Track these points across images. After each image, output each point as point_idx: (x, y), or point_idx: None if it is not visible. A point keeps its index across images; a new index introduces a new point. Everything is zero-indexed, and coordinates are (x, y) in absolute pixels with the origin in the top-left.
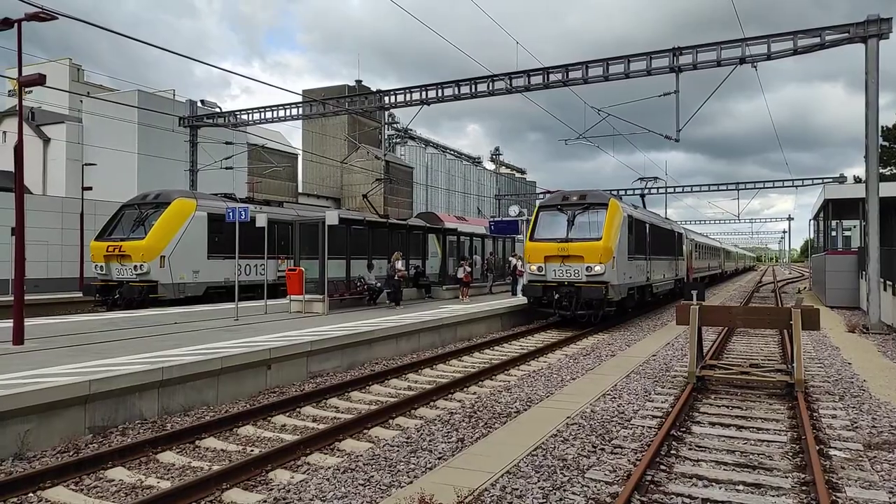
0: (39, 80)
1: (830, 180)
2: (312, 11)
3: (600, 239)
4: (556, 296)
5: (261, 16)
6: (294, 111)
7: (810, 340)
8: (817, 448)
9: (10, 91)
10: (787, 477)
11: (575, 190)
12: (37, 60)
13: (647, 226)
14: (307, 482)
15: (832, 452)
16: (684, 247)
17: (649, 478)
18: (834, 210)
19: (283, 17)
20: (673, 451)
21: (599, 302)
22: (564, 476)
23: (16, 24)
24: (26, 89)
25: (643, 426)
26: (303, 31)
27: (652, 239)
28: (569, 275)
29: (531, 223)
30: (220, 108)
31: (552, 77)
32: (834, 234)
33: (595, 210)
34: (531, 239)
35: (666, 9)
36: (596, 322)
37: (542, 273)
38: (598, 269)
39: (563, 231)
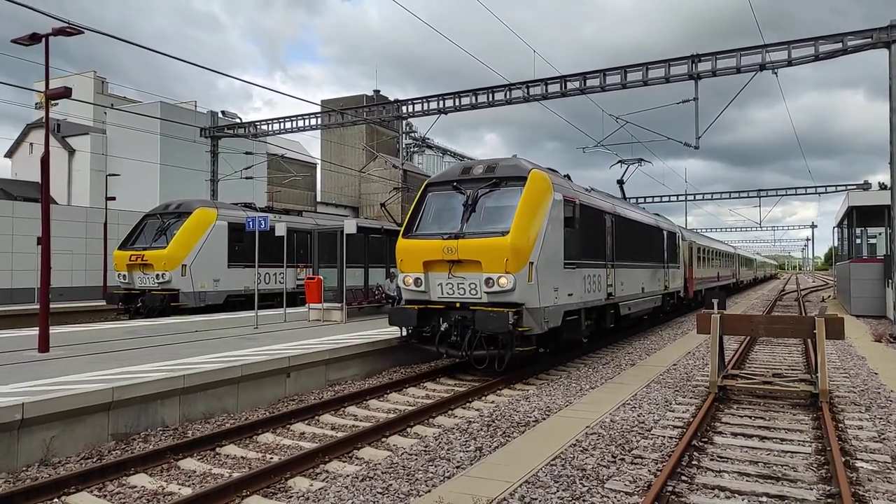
0: (66, 93)
1: (854, 187)
2: (332, 24)
3: (507, 233)
4: (444, 325)
5: (283, 29)
6: (313, 121)
7: (835, 350)
8: (843, 460)
9: (36, 104)
10: (811, 489)
11: (484, 159)
12: (63, 73)
13: (609, 217)
14: (326, 490)
15: (858, 464)
16: (680, 251)
17: (670, 488)
18: (858, 217)
19: (304, 31)
20: (694, 462)
21: (507, 336)
22: (584, 486)
23: (43, 39)
24: (53, 102)
25: (664, 436)
26: (323, 43)
27: (619, 237)
28: (461, 291)
29: (410, 210)
30: (240, 118)
31: (569, 85)
32: (858, 241)
33: (508, 188)
34: (405, 234)
35: (682, 18)
36: (501, 369)
37: (422, 288)
38: (503, 282)
39: (458, 222)
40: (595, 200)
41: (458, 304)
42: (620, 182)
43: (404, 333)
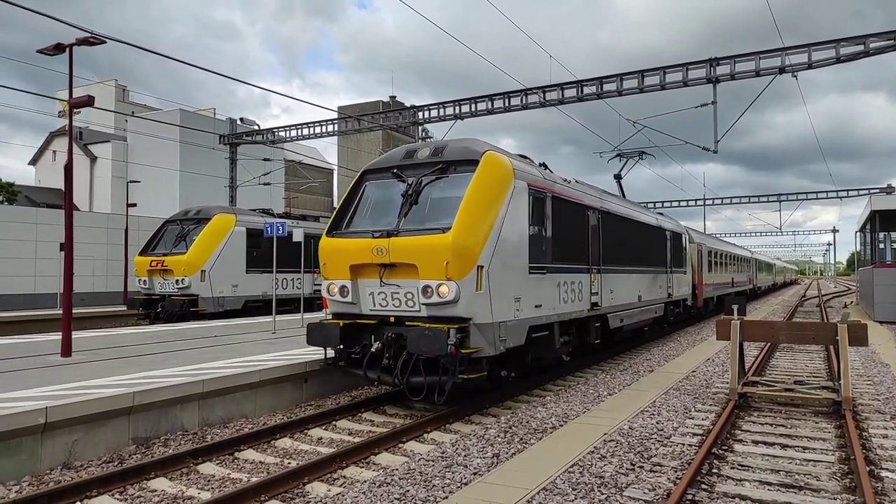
0: (89, 101)
1: (877, 191)
2: (349, 32)
3: (449, 229)
4: (376, 344)
5: (300, 37)
6: (329, 128)
7: (858, 357)
8: (868, 469)
9: (59, 112)
10: (835, 499)
11: (435, 140)
12: (85, 82)
13: (595, 214)
14: (343, 495)
15: (884, 474)
16: (687, 254)
17: (690, 497)
18: (881, 221)
19: (321, 39)
20: (714, 470)
21: (451, 360)
22: (602, 494)
23: (68, 49)
24: (75, 110)
25: (683, 444)
26: (340, 51)
27: (608, 238)
28: (396, 303)
29: (340, 202)
30: (258, 125)
31: (586, 90)
32: (882, 246)
33: (458, 175)
34: (330, 232)
35: (697, 23)
36: (441, 401)
37: (349, 299)
38: (443, 291)
39: (395, 216)
40: (575, 193)
41: (392, 319)
42: (618, 177)
43: (330, 355)
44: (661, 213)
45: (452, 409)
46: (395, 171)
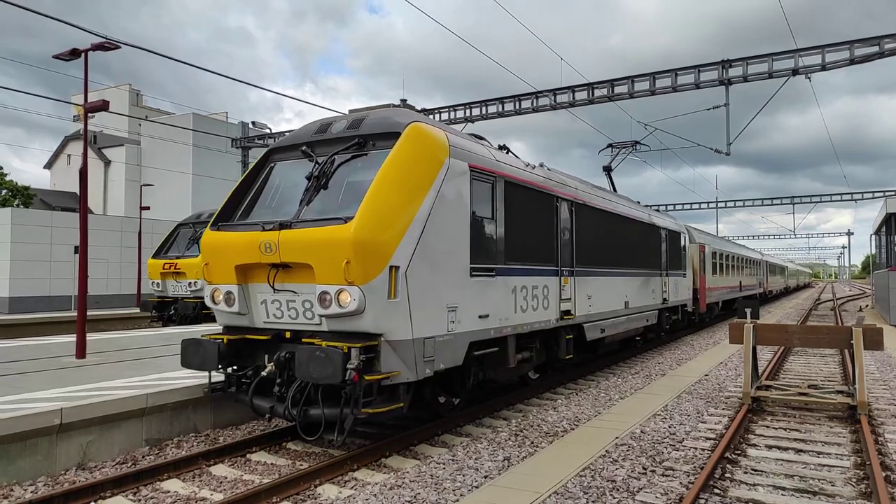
0: (104, 106)
1: (892, 193)
2: (361, 37)
3: (352, 219)
4: (268, 367)
5: (313, 43)
6: None
7: (873, 361)
8: (884, 474)
9: (74, 116)
10: None
11: (352, 112)
12: (99, 87)
13: (567, 205)
14: (354, 498)
15: None
16: (687, 254)
17: (702, 502)
18: None
19: (333, 44)
20: (727, 475)
21: (353, 389)
22: (614, 498)
23: (83, 55)
24: (90, 114)
25: (695, 448)
26: (351, 56)
27: (584, 234)
28: (293, 314)
29: (234, 188)
30: (270, 129)
31: (597, 92)
32: None
33: (377, 152)
34: (214, 225)
35: (709, 26)
36: (340, 441)
37: (235, 308)
38: (344, 298)
39: (295, 203)
40: (537, 179)
41: (288, 334)
42: (607, 169)
43: (219, 378)
44: (659, 210)
45: (464, 412)
46: (304, 148)
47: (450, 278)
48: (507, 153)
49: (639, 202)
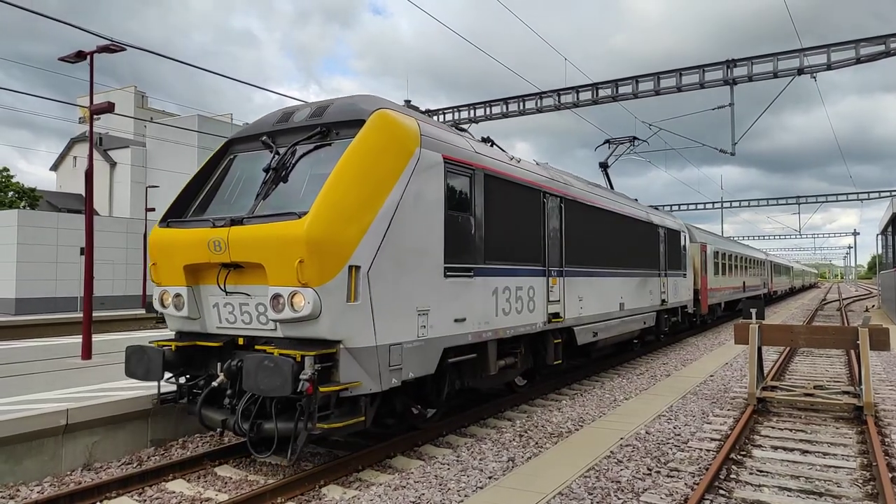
0: (109, 108)
1: None
2: (365, 39)
3: (306, 214)
4: (220, 377)
5: (317, 44)
6: None
7: (880, 361)
8: (890, 476)
9: (80, 118)
10: None
11: (316, 102)
12: (105, 89)
13: (554, 201)
14: (359, 498)
15: None
16: (688, 254)
17: (707, 503)
18: None
19: (338, 45)
20: (733, 476)
21: (308, 402)
22: (618, 499)
23: (88, 57)
24: (95, 116)
25: (701, 449)
26: (356, 57)
27: (574, 232)
28: (246, 318)
29: (189, 181)
30: None
31: (601, 93)
32: None
33: (340, 141)
34: (163, 221)
35: (713, 26)
36: (292, 460)
37: (184, 313)
38: (297, 301)
39: (251, 198)
40: (520, 172)
41: (241, 341)
42: (604, 165)
43: (170, 388)
44: (657, 208)
45: (467, 413)
46: (264, 138)
47: (420, 279)
48: (492, 146)
49: (636, 199)
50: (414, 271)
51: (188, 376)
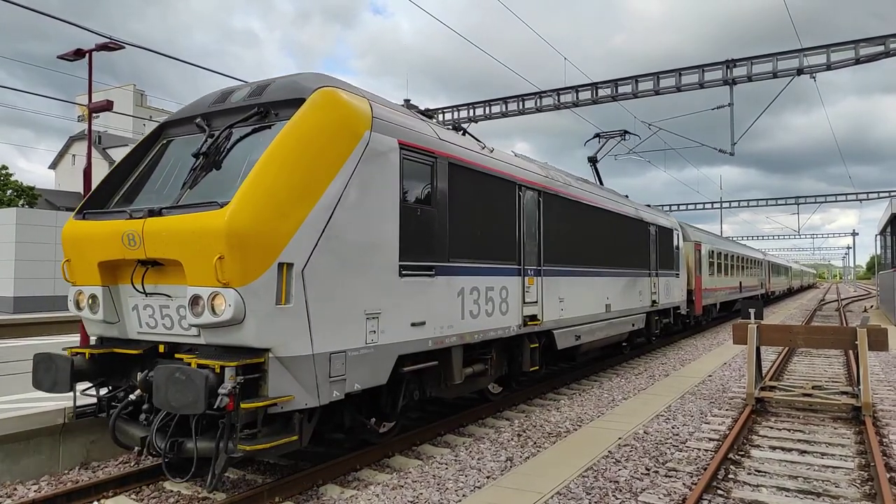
0: (108, 106)
1: None
2: (365, 39)
3: (227, 204)
4: (138, 390)
5: (318, 44)
6: None
7: (878, 362)
8: (888, 476)
9: (79, 116)
10: None
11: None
12: (104, 87)
13: (531, 195)
14: (357, 497)
15: None
16: (681, 253)
17: (706, 503)
18: None
19: (338, 45)
20: (731, 476)
21: (229, 420)
22: (617, 499)
23: (87, 55)
24: (94, 115)
25: (699, 449)
26: (357, 56)
27: (555, 228)
28: (167, 322)
29: (113, 167)
30: None
31: (601, 92)
32: None
33: (279, 122)
34: (80, 212)
35: (713, 26)
36: (211, 489)
37: (101, 315)
38: (218, 304)
39: (178, 186)
40: (492, 162)
41: (162, 348)
42: (592, 160)
43: (89, 400)
44: (649, 206)
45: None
46: (198, 121)
47: (370, 279)
48: (464, 134)
49: (627, 196)
50: (362, 270)
51: (110, 387)
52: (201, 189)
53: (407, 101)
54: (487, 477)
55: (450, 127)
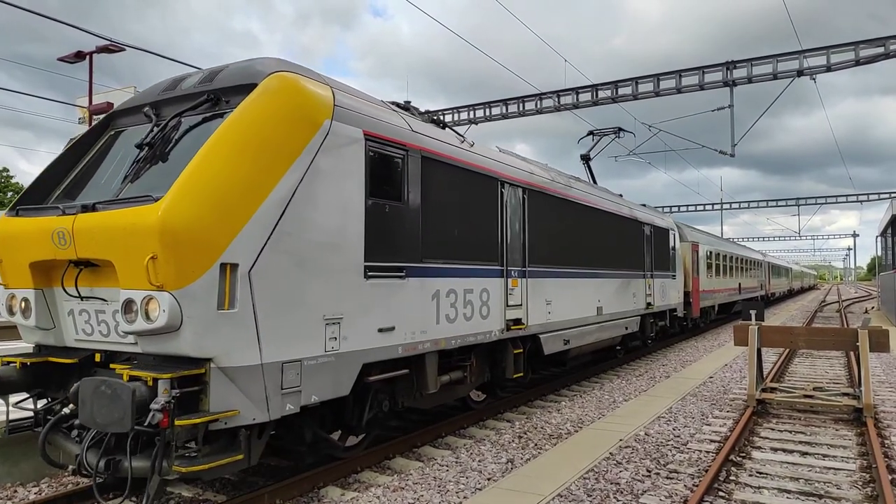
0: (108, 108)
1: None
2: (365, 40)
3: (160, 200)
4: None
5: (318, 46)
6: None
7: (879, 363)
8: (890, 478)
9: (79, 118)
10: None
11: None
12: (104, 89)
13: (514, 191)
14: (357, 499)
15: None
16: (678, 254)
17: None
18: None
19: (338, 47)
20: (732, 478)
21: (164, 438)
22: (618, 501)
23: (88, 57)
24: (95, 116)
25: (700, 450)
26: (357, 58)
27: (541, 226)
28: (103, 329)
29: (54, 160)
30: None
31: (601, 94)
32: None
33: (229, 111)
34: (12, 209)
35: (712, 27)
36: None
37: (33, 321)
38: (152, 309)
39: (120, 179)
40: (471, 157)
41: (98, 357)
42: (585, 158)
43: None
44: (645, 205)
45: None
46: (146, 110)
47: (331, 280)
48: (444, 128)
49: (621, 195)
50: (321, 271)
51: (49, 399)
52: (142, 183)
53: (407, 102)
54: (488, 479)
55: (427, 118)
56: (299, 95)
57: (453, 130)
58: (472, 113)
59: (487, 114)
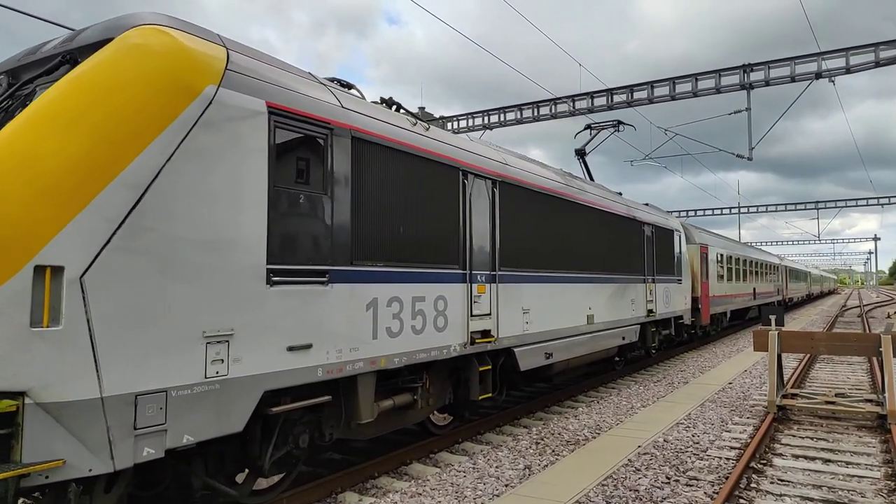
0: None
1: None
2: (380, 48)
3: None
4: None
5: (334, 54)
6: None
7: None
8: None
9: None
10: None
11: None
12: None
13: (476, 181)
14: None
15: None
16: (684, 257)
17: None
18: None
19: (353, 55)
20: (753, 485)
21: None
22: None
23: None
24: None
25: (720, 457)
26: (372, 66)
27: (518, 224)
28: None
29: None
30: None
31: (616, 98)
32: None
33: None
34: None
35: (726, 31)
36: None
37: None
38: None
39: None
40: (423, 141)
41: None
42: (580, 153)
43: None
44: (648, 204)
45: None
46: (1, 77)
47: (215, 287)
48: (397, 109)
49: (620, 193)
50: (198, 276)
51: None
52: None
53: (421, 108)
54: (506, 485)
55: (379, 100)
56: (169, 54)
57: (410, 112)
58: (486, 118)
59: (502, 119)
